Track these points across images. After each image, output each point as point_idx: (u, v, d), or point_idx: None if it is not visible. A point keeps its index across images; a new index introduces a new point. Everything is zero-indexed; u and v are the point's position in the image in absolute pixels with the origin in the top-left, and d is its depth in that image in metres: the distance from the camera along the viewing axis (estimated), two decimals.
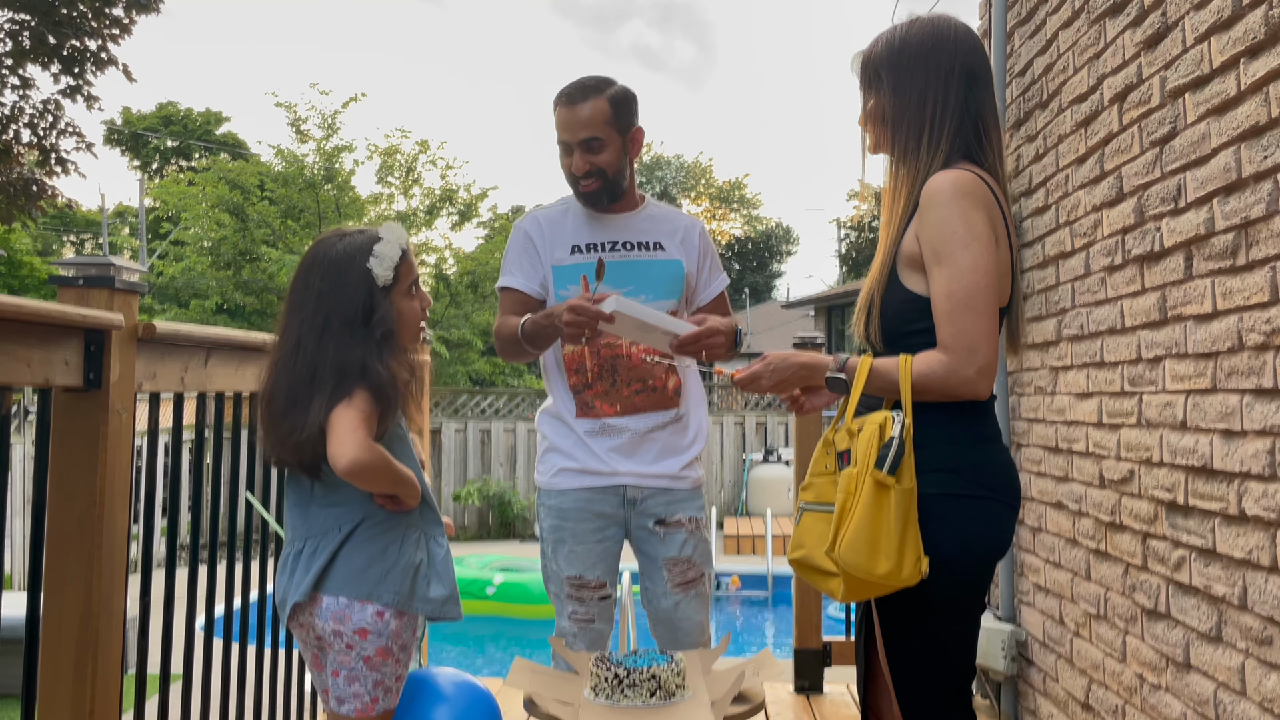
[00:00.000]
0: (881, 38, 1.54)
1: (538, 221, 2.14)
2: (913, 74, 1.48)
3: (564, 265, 2.09)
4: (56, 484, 1.62)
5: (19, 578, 6.78)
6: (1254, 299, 1.60)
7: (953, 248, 1.40)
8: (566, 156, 2.05)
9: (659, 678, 1.57)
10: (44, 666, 1.60)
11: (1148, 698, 2.02)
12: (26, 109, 9.20)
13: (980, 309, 1.40)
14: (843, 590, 1.38)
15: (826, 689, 3.21)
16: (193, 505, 2.18)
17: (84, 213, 25.02)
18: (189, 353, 1.92)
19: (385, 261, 1.60)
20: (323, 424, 1.53)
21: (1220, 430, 1.71)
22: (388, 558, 1.60)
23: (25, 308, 1.44)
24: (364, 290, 1.58)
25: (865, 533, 1.34)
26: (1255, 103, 1.60)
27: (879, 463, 1.36)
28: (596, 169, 2.02)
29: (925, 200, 1.44)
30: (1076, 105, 2.39)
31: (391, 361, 1.58)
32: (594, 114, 2.00)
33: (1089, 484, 2.32)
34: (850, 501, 1.36)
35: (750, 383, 1.56)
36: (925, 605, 1.41)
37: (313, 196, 12.74)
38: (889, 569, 1.33)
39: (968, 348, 1.39)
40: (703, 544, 2.12)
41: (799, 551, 1.48)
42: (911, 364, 1.42)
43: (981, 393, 1.42)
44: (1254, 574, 1.61)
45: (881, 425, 1.38)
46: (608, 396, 2.07)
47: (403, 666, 1.64)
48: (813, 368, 1.52)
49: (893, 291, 1.48)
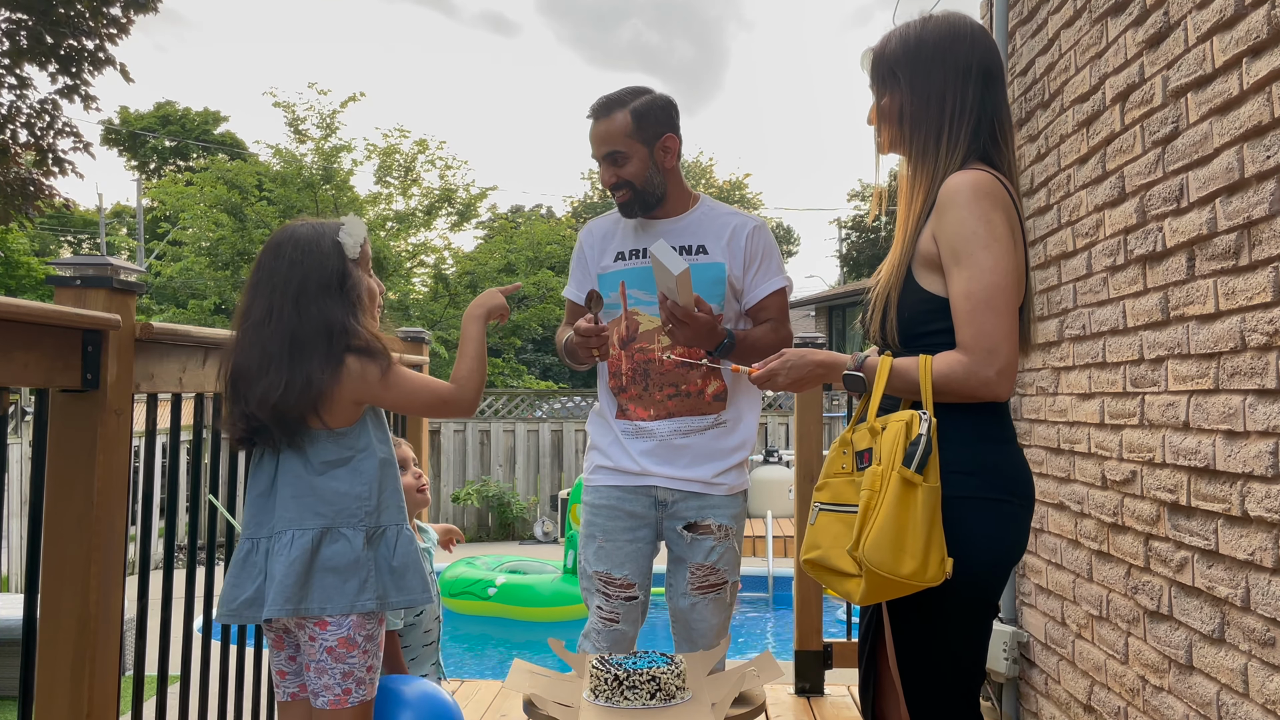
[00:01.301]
0: (894, 35, 1.52)
1: (591, 231, 2.24)
2: (930, 72, 1.47)
3: (607, 273, 2.16)
4: (54, 485, 1.61)
5: (16, 579, 6.77)
6: (1256, 299, 1.60)
7: (973, 248, 1.40)
8: (600, 169, 2.13)
9: (659, 679, 1.57)
10: (41, 668, 1.59)
11: (1150, 699, 2.01)
12: (24, 109, 9.18)
13: (1000, 309, 1.39)
14: (862, 591, 1.36)
15: (827, 691, 3.21)
16: (190, 506, 2.17)
17: (81, 213, 24.99)
18: (187, 353, 1.92)
19: (354, 236, 1.67)
20: (324, 385, 1.58)
21: (1223, 431, 1.70)
22: (361, 567, 1.61)
23: (22, 308, 1.44)
24: (337, 257, 1.64)
25: (891, 531, 1.32)
26: (1257, 102, 1.59)
27: (906, 460, 1.34)
28: (623, 181, 2.09)
29: (944, 200, 1.43)
30: (1078, 105, 2.38)
31: (367, 323, 1.65)
32: (615, 128, 2.06)
33: (1091, 485, 2.32)
34: (875, 500, 1.34)
35: (767, 379, 1.56)
36: (941, 607, 1.40)
37: (311, 196, 12.73)
38: (914, 568, 1.32)
39: (988, 349, 1.39)
40: (730, 552, 2.11)
41: (815, 552, 1.45)
42: (932, 364, 1.41)
43: (1002, 394, 1.41)
44: (1257, 575, 1.61)
45: (908, 424, 1.37)
46: (641, 400, 2.10)
47: (373, 658, 1.65)
48: (830, 366, 1.53)
49: (909, 291, 1.47)
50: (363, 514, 1.63)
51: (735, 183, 27.44)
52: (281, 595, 1.58)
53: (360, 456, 1.65)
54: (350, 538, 1.62)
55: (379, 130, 21.71)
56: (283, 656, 1.71)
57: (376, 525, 1.65)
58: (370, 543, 1.63)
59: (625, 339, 2.10)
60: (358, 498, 1.63)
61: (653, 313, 2.07)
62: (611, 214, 2.24)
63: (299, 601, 1.59)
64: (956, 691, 1.45)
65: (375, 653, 1.66)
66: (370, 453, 1.66)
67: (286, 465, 1.64)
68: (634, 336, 2.10)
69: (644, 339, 2.09)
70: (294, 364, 1.58)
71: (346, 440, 1.64)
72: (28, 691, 1.56)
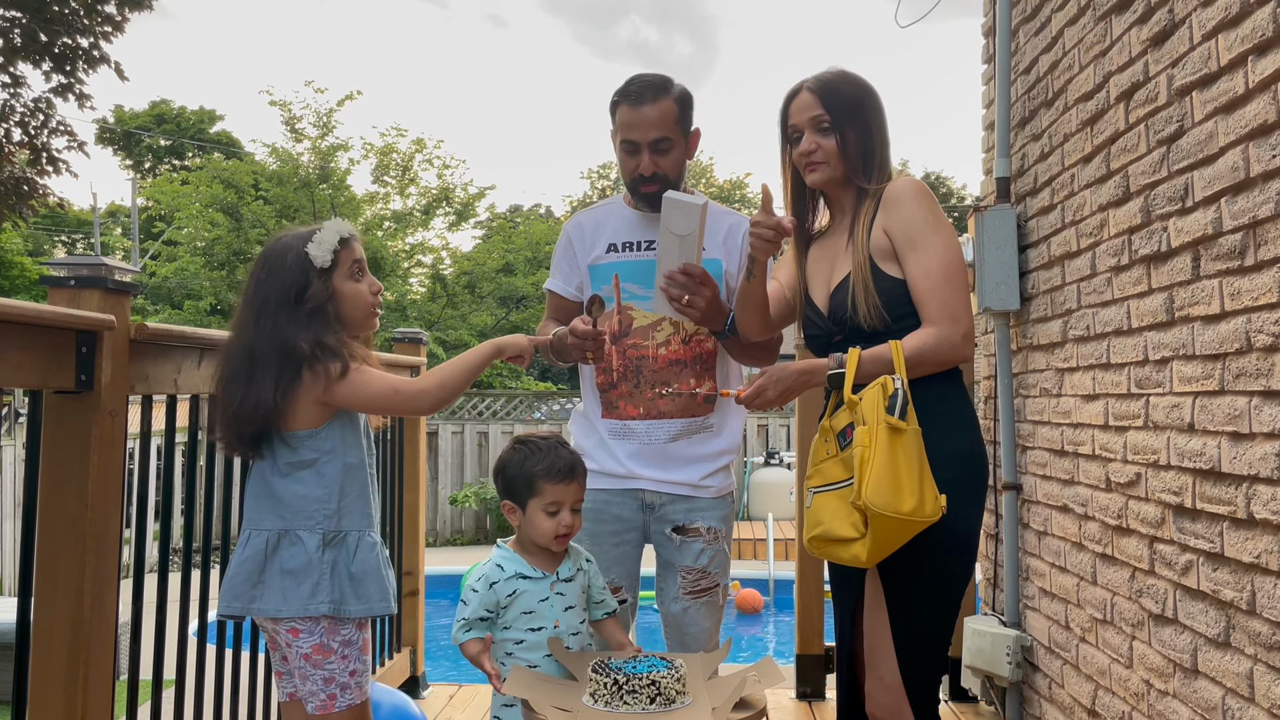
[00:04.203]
0: (839, 81, 1.77)
1: (579, 224, 2.15)
2: (877, 110, 1.78)
3: (599, 264, 2.09)
4: (48, 487, 1.60)
5: (9, 582, 6.74)
6: (1262, 299, 1.59)
7: (925, 233, 1.66)
8: (632, 156, 2.00)
9: (659, 684, 1.55)
10: (35, 672, 1.58)
11: (1155, 704, 2.00)
12: (18, 107, 9.15)
13: (956, 282, 1.65)
14: (869, 547, 1.50)
15: (829, 695, 3.19)
16: (186, 509, 2.16)
17: (76, 212, 24.94)
18: (182, 354, 1.90)
19: (323, 245, 1.66)
20: (275, 404, 1.61)
21: (1228, 433, 1.69)
22: (313, 570, 1.63)
23: (16, 309, 1.42)
24: (298, 271, 1.65)
25: (888, 474, 1.48)
26: (1263, 101, 1.58)
27: (889, 410, 1.52)
28: (662, 171, 1.99)
29: (891, 199, 1.71)
30: (1082, 103, 2.37)
31: (323, 335, 1.64)
32: (665, 114, 1.96)
33: (1095, 487, 2.30)
34: (867, 453, 1.50)
35: (756, 398, 1.67)
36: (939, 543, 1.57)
37: (308, 196, 12.71)
38: (914, 504, 1.48)
39: (951, 317, 1.63)
40: (720, 554, 2.09)
41: (817, 529, 1.60)
42: (902, 345, 1.62)
43: (968, 355, 1.67)
44: (1263, 578, 1.59)
45: (883, 385, 1.55)
46: (632, 398, 2.05)
47: (354, 662, 1.67)
48: (813, 371, 1.67)
49: (880, 279, 1.69)
50: (320, 517, 1.65)
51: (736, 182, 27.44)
52: (230, 593, 1.64)
53: (325, 460, 1.66)
54: (305, 540, 1.64)
55: (376, 129, 21.72)
56: (277, 657, 1.74)
57: (336, 529, 1.66)
58: (329, 546, 1.64)
59: (617, 334, 2.05)
60: (316, 500, 1.65)
61: (647, 307, 2.02)
62: (600, 206, 2.16)
63: (249, 601, 1.63)
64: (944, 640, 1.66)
65: (357, 657, 1.68)
66: (335, 456, 1.67)
67: (257, 466, 1.69)
68: (627, 331, 2.04)
69: (638, 334, 2.04)
70: (250, 381, 1.61)
71: (312, 443, 1.66)
72: (21, 696, 1.55)
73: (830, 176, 1.76)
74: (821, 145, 1.74)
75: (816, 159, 1.75)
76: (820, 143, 1.74)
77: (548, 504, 1.74)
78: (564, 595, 1.78)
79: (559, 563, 1.79)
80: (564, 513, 1.75)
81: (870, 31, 61.91)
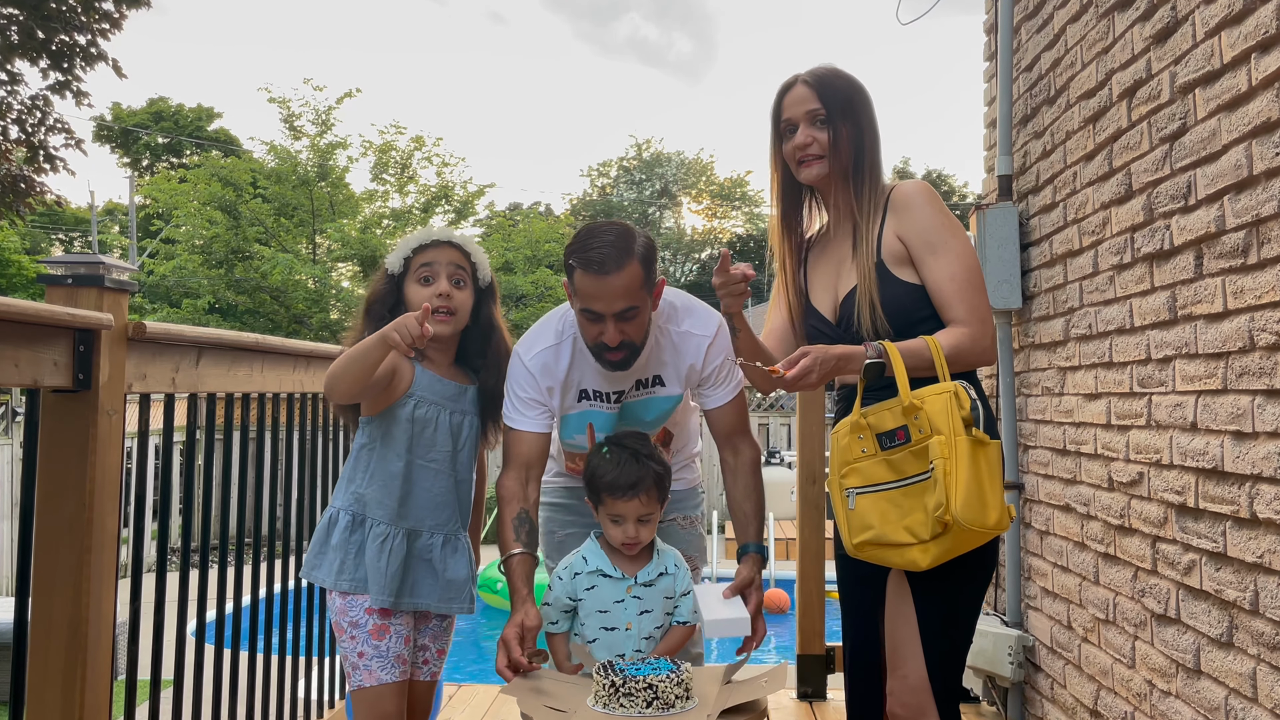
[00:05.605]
0: (834, 76, 1.74)
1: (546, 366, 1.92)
2: (869, 108, 1.76)
3: (571, 413, 1.94)
4: (45, 487, 1.60)
5: (7, 582, 6.73)
6: (1265, 298, 1.58)
7: (944, 236, 1.65)
8: (594, 324, 1.78)
9: (656, 688, 1.55)
10: (32, 672, 1.58)
11: (1157, 704, 2.00)
12: (15, 105, 9.13)
13: (979, 285, 1.65)
14: (933, 554, 1.50)
15: (830, 695, 3.19)
16: (184, 509, 2.15)
17: (73, 210, 24.92)
18: (180, 353, 1.89)
19: (397, 252, 1.88)
20: None
21: (1231, 432, 1.69)
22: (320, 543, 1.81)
23: (13, 307, 1.41)
24: (379, 280, 1.90)
25: (975, 489, 1.48)
26: (1266, 98, 1.57)
27: (974, 424, 1.52)
28: (628, 339, 1.79)
29: (901, 203, 1.69)
30: (1085, 101, 2.36)
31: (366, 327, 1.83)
32: (630, 281, 1.73)
33: (1097, 486, 2.30)
34: (950, 465, 1.49)
35: (801, 379, 1.57)
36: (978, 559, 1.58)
37: (306, 194, 12.70)
38: (998, 517, 1.49)
39: (981, 319, 1.63)
40: (698, 539, 2.12)
41: (867, 533, 1.56)
42: (939, 340, 1.60)
43: (994, 358, 1.68)
44: (1266, 578, 1.59)
45: (955, 394, 1.53)
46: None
47: (361, 644, 1.75)
48: (850, 358, 1.62)
49: (889, 285, 1.66)
50: (352, 499, 1.82)
51: (736, 180, 27.44)
52: (306, 561, 1.86)
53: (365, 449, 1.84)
54: (331, 515, 1.83)
55: (375, 126, 21.72)
56: None
57: (362, 516, 1.80)
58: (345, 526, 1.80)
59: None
60: (346, 479, 1.84)
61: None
62: (553, 347, 1.91)
63: (309, 569, 1.83)
64: (965, 654, 1.66)
65: (364, 639, 1.75)
66: (372, 448, 1.83)
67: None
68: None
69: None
70: None
71: (365, 430, 1.86)
72: (19, 696, 1.54)
73: (825, 172, 1.73)
74: (817, 139, 1.72)
75: (813, 152, 1.72)
76: (816, 136, 1.72)
77: (612, 514, 1.75)
78: (640, 599, 1.76)
79: (641, 565, 1.78)
80: (628, 525, 1.74)
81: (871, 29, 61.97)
